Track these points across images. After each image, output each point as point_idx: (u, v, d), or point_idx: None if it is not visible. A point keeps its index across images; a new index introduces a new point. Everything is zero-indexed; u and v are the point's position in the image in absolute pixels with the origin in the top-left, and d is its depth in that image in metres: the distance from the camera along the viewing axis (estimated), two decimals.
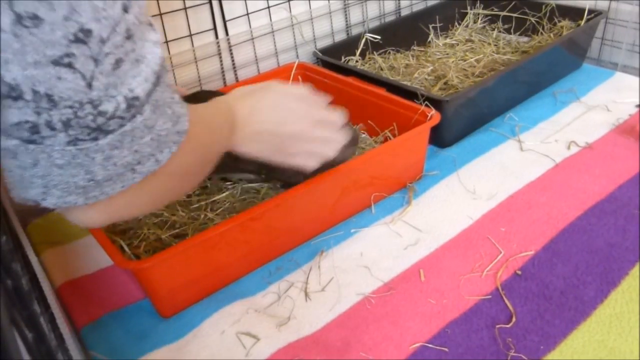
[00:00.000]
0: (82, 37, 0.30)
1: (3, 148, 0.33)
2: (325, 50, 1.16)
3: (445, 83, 1.09)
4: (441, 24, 1.33)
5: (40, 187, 0.36)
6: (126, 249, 0.73)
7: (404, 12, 1.37)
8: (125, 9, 0.32)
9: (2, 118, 0.31)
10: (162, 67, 0.37)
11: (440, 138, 0.97)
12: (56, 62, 0.30)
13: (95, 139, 0.33)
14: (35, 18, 0.28)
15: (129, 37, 0.32)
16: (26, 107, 0.31)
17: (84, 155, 0.34)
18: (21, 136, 0.32)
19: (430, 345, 0.62)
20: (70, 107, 0.31)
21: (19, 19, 0.28)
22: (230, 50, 1.11)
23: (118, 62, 0.32)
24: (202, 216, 0.78)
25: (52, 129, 0.32)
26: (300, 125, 0.60)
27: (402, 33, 1.27)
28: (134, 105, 0.34)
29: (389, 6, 1.34)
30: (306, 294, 0.71)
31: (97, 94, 0.32)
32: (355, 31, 1.29)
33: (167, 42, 1.01)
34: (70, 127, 0.32)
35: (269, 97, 0.59)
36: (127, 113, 0.34)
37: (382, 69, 1.18)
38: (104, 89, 0.32)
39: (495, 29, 1.32)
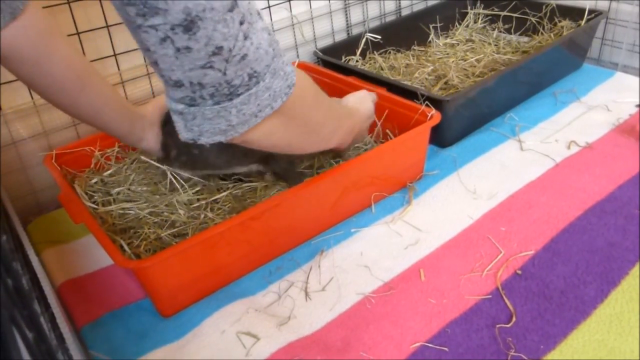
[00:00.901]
0: (217, 51, 0.46)
1: (173, 110, 0.52)
2: (325, 50, 1.16)
3: (445, 83, 1.09)
4: (442, 24, 1.33)
5: (197, 131, 0.52)
6: (126, 248, 0.73)
7: (405, 12, 1.37)
8: (242, 22, 0.47)
9: (172, 94, 0.50)
10: (272, 46, 0.50)
11: (440, 138, 0.97)
12: (202, 67, 0.47)
13: (231, 99, 0.50)
14: (187, 48, 0.45)
15: (246, 37, 0.47)
16: (186, 90, 0.49)
17: (224, 110, 0.50)
18: (184, 103, 0.50)
19: (430, 345, 0.62)
20: (213, 86, 0.48)
21: (177, 50, 0.46)
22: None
23: (243, 57, 0.48)
24: (202, 216, 0.78)
25: (203, 98, 0.49)
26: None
27: (402, 33, 1.27)
28: (255, 76, 0.50)
29: (390, 6, 1.34)
30: (306, 294, 0.71)
31: (229, 77, 0.48)
32: (355, 31, 1.29)
33: None
34: (214, 96, 0.49)
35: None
36: (250, 82, 0.50)
37: (382, 69, 1.18)
38: (234, 72, 0.48)
39: (496, 29, 1.33)
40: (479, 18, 1.36)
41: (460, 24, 1.37)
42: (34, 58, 0.63)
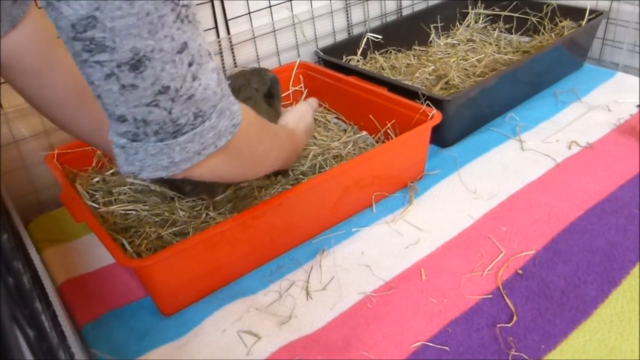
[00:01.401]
0: (163, 90, 0.46)
1: (115, 144, 0.51)
2: (326, 50, 1.16)
3: (446, 83, 1.09)
4: (442, 24, 1.33)
5: (138, 166, 0.51)
6: (128, 247, 0.73)
7: (406, 12, 1.37)
8: (191, 63, 0.46)
9: (114, 127, 0.49)
10: (220, 85, 0.51)
11: (441, 137, 0.97)
12: (147, 104, 0.46)
13: (175, 137, 0.49)
14: (132, 86, 0.45)
15: (194, 78, 0.47)
16: (129, 125, 0.48)
17: (168, 148, 0.50)
18: (127, 137, 0.49)
19: (431, 344, 0.62)
20: (157, 124, 0.48)
21: (122, 87, 0.44)
22: (232, 49, 1.11)
23: (190, 97, 0.47)
24: (204, 215, 0.78)
25: (147, 135, 0.49)
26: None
27: (403, 33, 1.27)
28: (200, 116, 0.49)
29: (391, 6, 1.34)
30: (307, 293, 0.71)
31: (175, 115, 0.48)
32: (356, 31, 1.29)
33: None
34: (158, 133, 0.48)
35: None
36: (196, 121, 0.49)
37: (383, 69, 1.18)
38: (180, 111, 0.48)
39: (497, 29, 1.33)
40: (479, 18, 1.36)
41: (461, 24, 1.37)
42: (35, 68, 0.63)
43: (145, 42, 0.43)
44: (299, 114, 0.85)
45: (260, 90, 0.84)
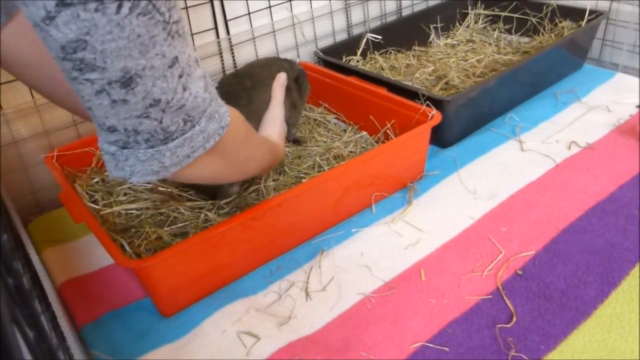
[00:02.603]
0: (154, 104, 0.46)
1: (105, 151, 0.50)
2: (326, 50, 1.16)
3: (446, 83, 1.09)
4: (442, 24, 1.33)
5: (128, 171, 0.51)
6: (127, 247, 0.73)
7: (405, 12, 1.37)
8: (181, 75, 0.46)
9: (104, 136, 0.49)
10: (208, 90, 0.51)
11: (441, 138, 0.97)
12: (138, 116, 0.46)
13: (166, 143, 0.49)
14: (123, 101, 0.45)
15: (184, 89, 0.47)
16: (120, 134, 0.48)
17: (158, 153, 0.50)
18: (117, 145, 0.49)
19: (430, 345, 0.62)
20: (148, 132, 0.48)
21: (113, 102, 0.44)
22: (232, 49, 1.11)
23: (180, 107, 0.48)
24: (202, 215, 0.78)
25: (137, 143, 0.49)
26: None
27: (403, 33, 1.27)
28: (190, 121, 0.50)
29: (390, 6, 1.34)
30: (307, 294, 0.71)
31: (165, 124, 0.48)
32: (356, 31, 1.29)
33: None
34: (149, 141, 0.49)
35: None
36: (185, 126, 0.49)
37: (383, 69, 1.18)
38: (170, 120, 0.48)
39: (496, 29, 1.33)
40: (479, 18, 1.36)
41: (460, 24, 1.37)
42: (35, 60, 0.61)
43: (137, 62, 0.43)
44: (280, 128, 0.82)
45: (291, 78, 0.88)
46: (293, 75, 0.89)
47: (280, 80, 0.85)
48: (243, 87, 0.81)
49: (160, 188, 0.83)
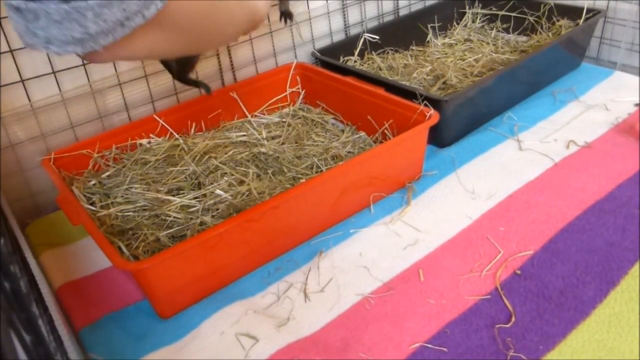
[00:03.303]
0: None
1: (9, 5, 0.40)
2: (323, 51, 1.15)
3: (444, 83, 1.09)
4: (440, 24, 1.33)
5: (43, 37, 0.41)
6: (124, 250, 0.73)
7: (403, 12, 1.37)
8: None
9: None
10: None
11: (439, 138, 0.97)
12: None
13: None
14: None
15: None
16: None
17: (76, 12, 0.39)
18: None
19: (429, 346, 0.62)
20: None
21: None
22: (229, 50, 1.11)
23: None
24: (199, 221, 0.77)
25: None
26: None
27: (400, 33, 1.27)
28: None
29: (388, 6, 1.34)
30: (305, 295, 0.71)
31: None
32: (353, 31, 1.29)
33: None
34: None
35: None
36: None
37: (380, 69, 1.17)
38: None
39: (494, 29, 1.32)
40: (477, 18, 1.36)
41: (458, 24, 1.37)
42: None
43: None
44: None
45: None
46: None
47: None
48: None
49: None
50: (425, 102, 0.91)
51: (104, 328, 0.70)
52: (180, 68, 0.78)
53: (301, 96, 1.11)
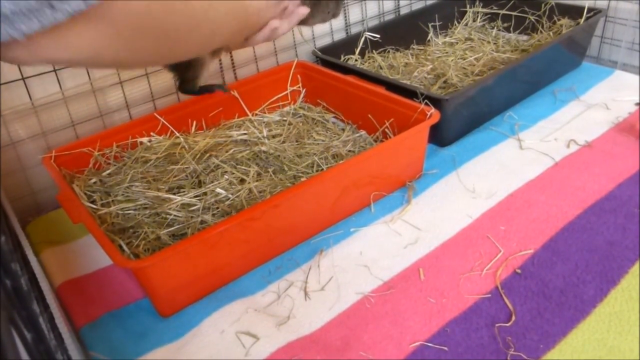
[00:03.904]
0: None
1: None
2: (324, 49, 1.15)
3: (444, 82, 1.09)
4: (440, 23, 1.33)
5: None
6: (125, 248, 0.73)
7: (403, 11, 1.37)
8: None
9: None
10: None
11: (439, 137, 0.97)
12: None
13: None
14: None
15: None
16: None
17: None
18: None
19: (430, 344, 0.62)
20: None
21: None
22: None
23: None
24: (199, 219, 0.77)
25: None
26: None
27: (401, 32, 1.27)
28: None
29: (388, 5, 1.34)
30: (306, 293, 0.71)
31: None
32: (354, 30, 1.29)
33: None
34: None
35: None
36: None
37: (381, 68, 1.17)
38: None
39: (495, 28, 1.32)
40: (478, 16, 1.36)
41: (459, 23, 1.36)
42: None
43: None
44: None
45: None
46: None
47: None
48: None
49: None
50: (425, 101, 0.91)
51: (105, 326, 0.70)
52: (180, 77, 0.77)
53: (302, 95, 1.11)
